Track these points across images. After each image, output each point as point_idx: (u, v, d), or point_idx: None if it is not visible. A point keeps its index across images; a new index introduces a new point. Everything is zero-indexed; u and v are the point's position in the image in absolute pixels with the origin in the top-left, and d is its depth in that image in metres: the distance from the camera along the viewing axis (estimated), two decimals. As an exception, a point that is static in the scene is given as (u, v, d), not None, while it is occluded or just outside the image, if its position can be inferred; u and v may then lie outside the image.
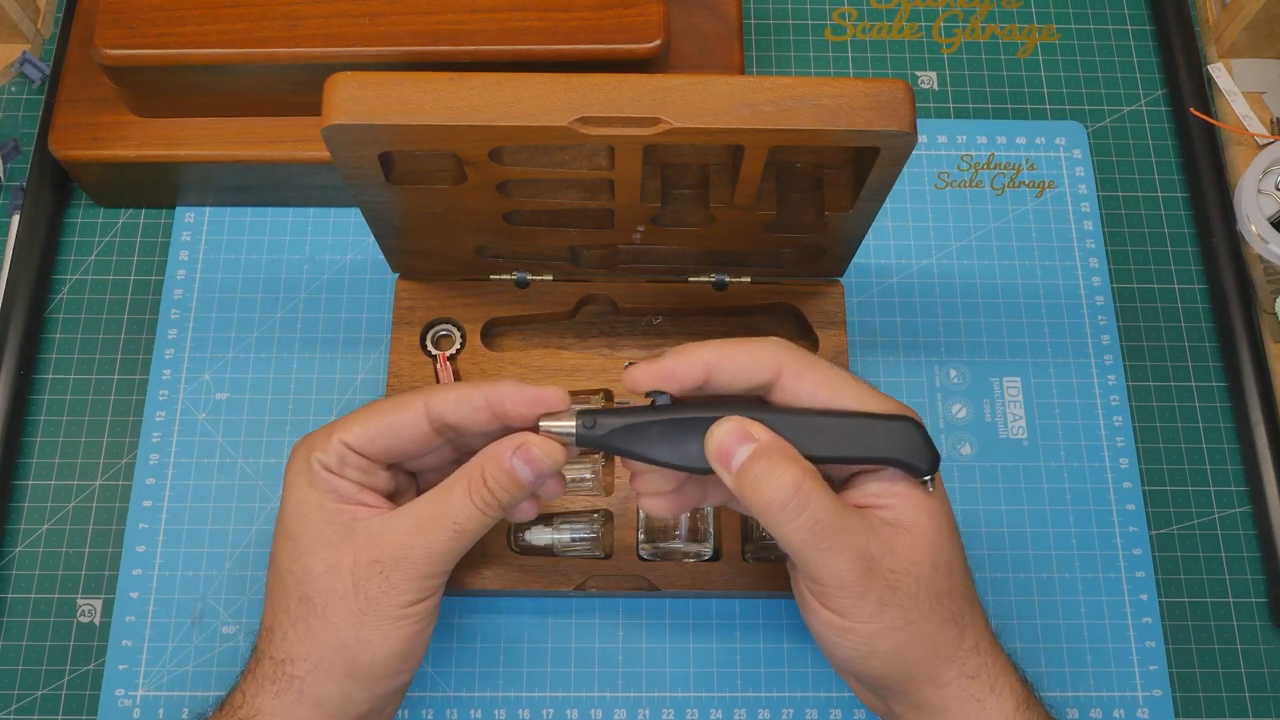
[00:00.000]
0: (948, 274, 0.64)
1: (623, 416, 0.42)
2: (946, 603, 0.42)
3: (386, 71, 0.43)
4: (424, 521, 0.42)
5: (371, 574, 0.42)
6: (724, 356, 0.42)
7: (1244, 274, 0.62)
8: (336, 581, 0.42)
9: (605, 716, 0.55)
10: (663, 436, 0.42)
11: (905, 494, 0.42)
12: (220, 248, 0.63)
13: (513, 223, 0.51)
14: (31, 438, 0.60)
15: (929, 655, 0.42)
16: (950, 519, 0.43)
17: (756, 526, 0.53)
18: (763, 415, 0.41)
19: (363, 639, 0.42)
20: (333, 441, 0.43)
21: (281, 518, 0.44)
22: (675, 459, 0.42)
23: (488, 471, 0.42)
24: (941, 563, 0.42)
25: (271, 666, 0.43)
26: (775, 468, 0.39)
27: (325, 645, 0.42)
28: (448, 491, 0.43)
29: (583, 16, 0.54)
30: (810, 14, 0.70)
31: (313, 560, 0.42)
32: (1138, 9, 0.71)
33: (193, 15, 0.54)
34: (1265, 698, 0.56)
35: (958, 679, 0.42)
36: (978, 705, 0.42)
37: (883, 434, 0.41)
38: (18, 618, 0.56)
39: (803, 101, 0.42)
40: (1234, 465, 0.60)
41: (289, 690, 0.42)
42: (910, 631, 0.41)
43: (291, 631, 0.42)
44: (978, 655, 0.42)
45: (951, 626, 0.42)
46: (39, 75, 0.65)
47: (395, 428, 0.43)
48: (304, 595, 0.42)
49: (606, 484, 0.55)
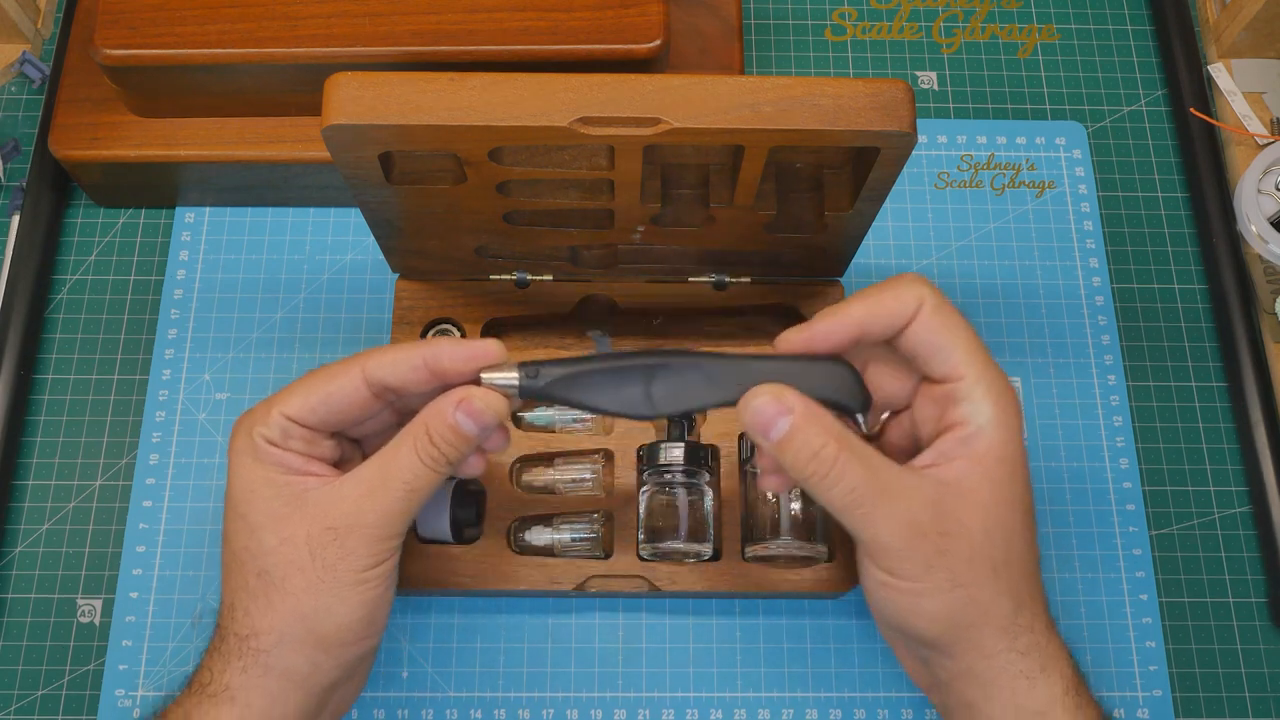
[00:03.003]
0: (948, 274, 0.64)
1: (564, 366, 0.43)
2: (1003, 573, 0.41)
3: (386, 71, 0.43)
4: (374, 484, 0.42)
5: (326, 542, 0.42)
6: (877, 307, 0.42)
7: (1244, 274, 0.62)
8: (292, 553, 0.42)
9: (605, 716, 0.55)
10: (604, 384, 0.43)
11: (972, 457, 0.41)
12: (220, 248, 0.63)
13: (513, 223, 0.51)
14: (31, 438, 0.60)
15: (978, 621, 0.41)
16: (1019, 493, 0.42)
17: (756, 525, 0.53)
18: (699, 360, 0.42)
19: (324, 607, 0.42)
20: (273, 415, 0.42)
21: (229, 497, 0.43)
22: (617, 406, 0.43)
23: (432, 427, 0.42)
24: (997, 531, 0.41)
25: (236, 642, 0.42)
26: (812, 440, 0.40)
27: (288, 617, 0.42)
28: (394, 451, 0.42)
29: (583, 16, 0.54)
30: (810, 14, 0.70)
31: (266, 535, 0.42)
32: (1138, 9, 0.71)
33: (193, 15, 0.54)
34: (1265, 698, 0.56)
35: (1007, 653, 0.42)
36: (1027, 682, 0.42)
37: (816, 375, 0.42)
38: (18, 618, 0.56)
39: (803, 101, 0.42)
40: (1234, 465, 0.60)
41: (255, 664, 0.42)
42: (958, 595, 0.41)
43: (252, 606, 0.42)
44: (1031, 634, 0.42)
45: (1007, 599, 0.41)
46: (39, 75, 0.65)
47: (334, 396, 0.43)
48: (261, 570, 0.42)
49: (606, 483, 0.55)
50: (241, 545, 0.43)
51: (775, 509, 0.52)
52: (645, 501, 0.54)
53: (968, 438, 0.41)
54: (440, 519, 0.53)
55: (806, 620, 0.57)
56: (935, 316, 0.42)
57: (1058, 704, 0.42)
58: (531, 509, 0.55)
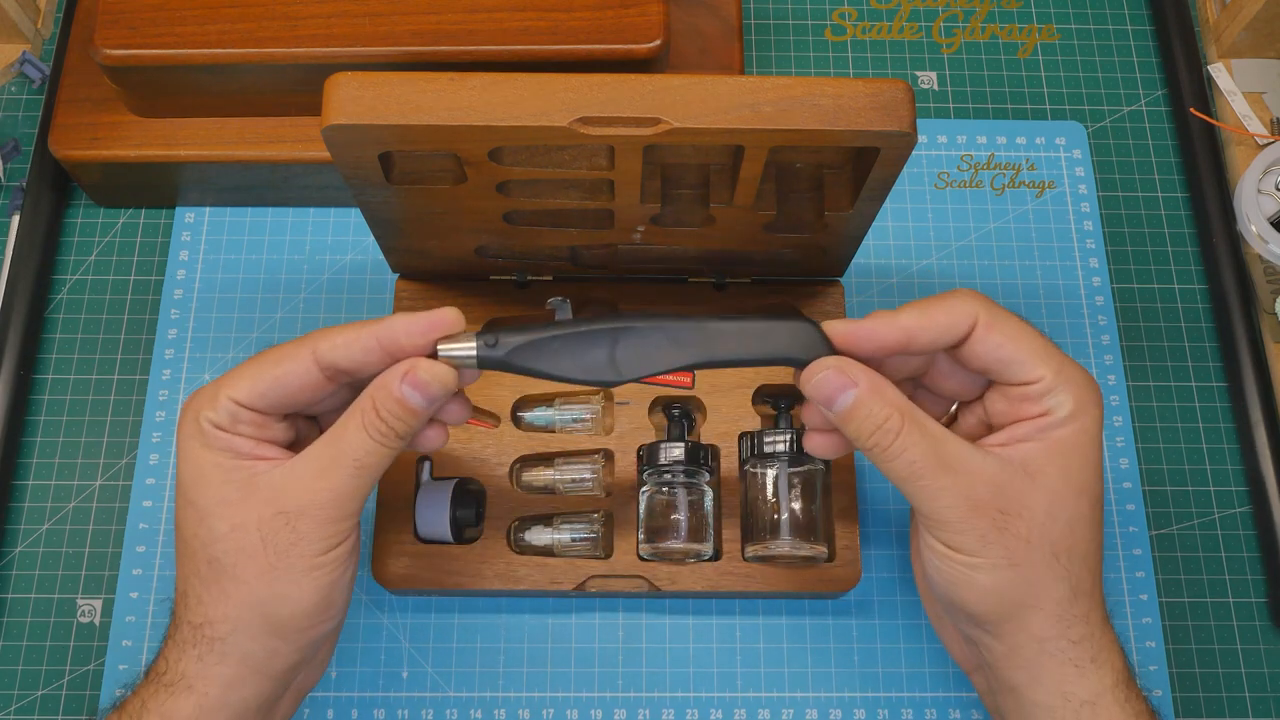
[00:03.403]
0: (948, 274, 0.64)
1: (524, 333, 0.42)
2: (1063, 559, 0.41)
3: (386, 71, 0.42)
4: (324, 464, 0.41)
5: (278, 527, 0.41)
6: (926, 319, 0.42)
7: (1244, 274, 0.62)
8: (243, 539, 0.41)
9: (605, 716, 0.55)
10: (566, 351, 0.42)
11: (1045, 441, 0.41)
12: (220, 248, 0.63)
13: (513, 223, 0.51)
14: (31, 438, 0.60)
15: (1030, 604, 0.41)
16: (1089, 482, 0.42)
17: (756, 525, 0.53)
18: (662, 323, 0.43)
19: (278, 594, 0.41)
20: (221, 400, 0.41)
21: (179, 483, 0.42)
22: (581, 374, 0.42)
23: (379, 401, 0.41)
24: (1061, 515, 0.41)
25: (190, 631, 0.41)
26: (876, 413, 0.41)
27: (241, 605, 0.41)
28: (342, 429, 0.41)
29: (583, 16, 0.54)
30: (810, 14, 0.70)
31: (216, 522, 0.41)
32: (1138, 9, 0.71)
33: (193, 15, 0.54)
34: (1265, 698, 0.56)
35: (1059, 639, 0.42)
36: (1076, 671, 0.42)
37: (781, 336, 0.42)
38: (18, 618, 0.56)
39: (803, 101, 0.42)
40: (1234, 465, 0.60)
41: (211, 653, 0.41)
42: (1013, 574, 0.41)
43: (205, 595, 0.41)
44: (1086, 624, 0.42)
45: (1064, 585, 0.41)
46: (39, 75, 0.65)
47: (284, 380, 0.41)
48: (211, 558, 0.41)
49: (606, 483, 0.55)
50: (191, 533, 0.41)
51: (775, 509, 0.53)
52: (645, 501, 0.54)
53: (1044, 425, 0.42)
54: (440, 519, 0.53)
55: (806, 620, 0.57)
56: (994, 333, 0.42)
57: (1107, 694, 0.41)
58: (531, 509, 0.55)
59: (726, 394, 0.56)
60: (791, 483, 0.53)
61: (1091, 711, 0.41)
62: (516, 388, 0.57)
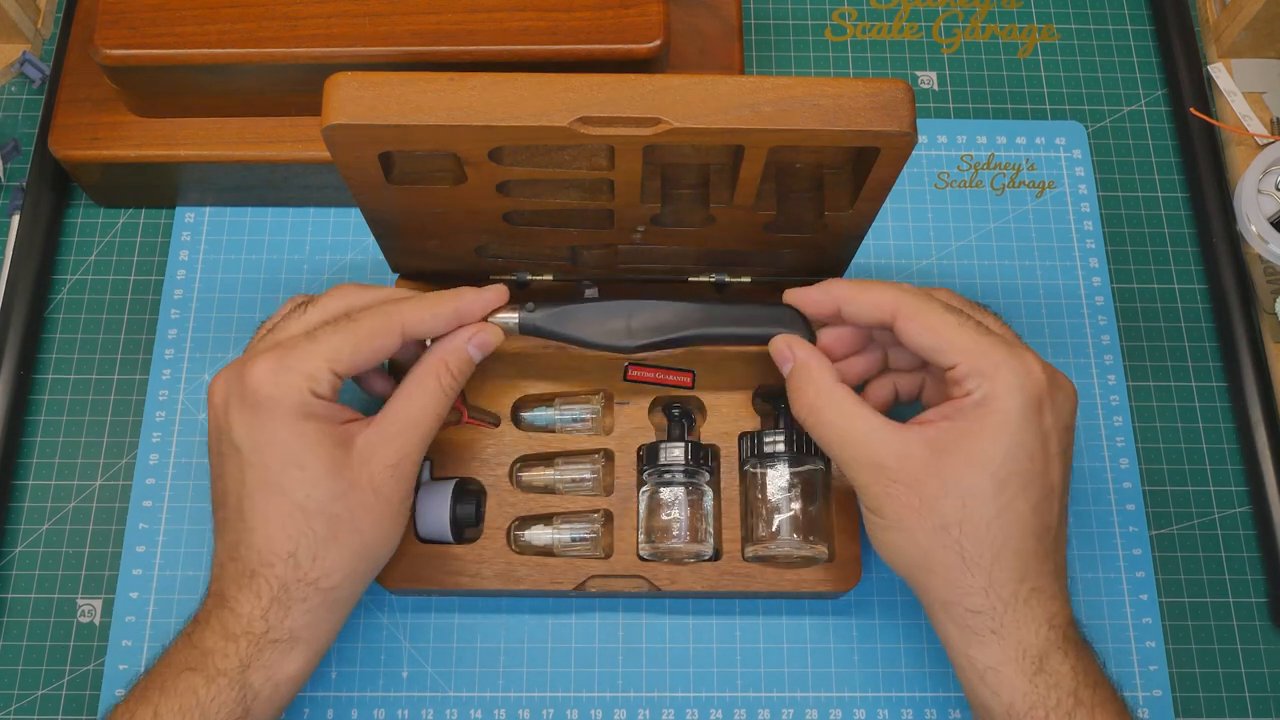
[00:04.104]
0: (948, 274, 0.64)
1: (557, 304, 0.52)
2: (954, 531, 0.45)
3: (386, 71, 0.43)
4: (412, 419, 0.47)
5: (386, 479, 0.46)
6: (854, 294, 0.48)
7: (1244, 274, 0.62)
8: (360, 495, 0.45)
9: (605, 716, 0.55)
10: (590, 319, 0.52)
11: (955, 420, 0.46)
12: (220, 248, 0.63)
13: (513, 223, 0.51)
14: (31, 438, 0.60)
15: (926, 567, 0.46)
16: (996, 460, 0.45)
17: (756, 525, 0.53)
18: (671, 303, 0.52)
19: (385, 538, 0.47)
20: (325, 373, 0.45)
21: (273, 448, 0.45)
22: (601, 338, 0.52)
23: (450, 362, 0.48)
24: (954, 490, 0.45)
25: (302, 588, 0.45)
26: (798, 389, 0.49)
27: (356, 554, 0.46)
28: (419, 386, 0.48)
29: (583, 16, 0.54)
30: (810, 14, 0.70)
31: (332, 483, 0.45)
32: (1138, 9, 0.71)
33: (193, 15, 0.54)
34: (1265, 698, 0.56)
35: (956, 606, 0.45)
36: (977, 639, 0.45)
37: (766, 317, 0.52)
38: (18, 618, 0.56)
39: (803, 101, 0.42)
40: (1234, 465, 0.60)
41: (323, 605, 0.45)
42: (905, 536, 0.46)
43: (321, 551, 0.45)
44: (985, 597, 0.45)
45: (953, 555, 0.45)
46: (39, 75, 0.65)
47: (379, 353, 0.47)
48: (331, 515, 0.45)
49: (606, 484, 0.55)
50: (305, 495, 0.45)
51: (775, 509, 0.53)
52: (645, 501, 0.54)
53: (959, 406, 0.46)
54: (440, 519, 0.53)
55: (806, 620, 0.57)
56: (912, 324, 0.47)
57: (1010, 665, 0.44)
58: (531, 509, 0.55)
59: (726, 394, 0.57)
60: (792, 483, 0.53)
61: (995, 677, 0.45)
62: (516, 388, 0.57)
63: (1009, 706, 0.44)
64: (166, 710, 0.43)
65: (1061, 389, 0.47)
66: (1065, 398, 0.47)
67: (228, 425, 0.46)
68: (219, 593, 0.46)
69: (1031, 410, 0.45)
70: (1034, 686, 0.44)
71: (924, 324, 0.47)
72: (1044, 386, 0.45)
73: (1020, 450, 0.45)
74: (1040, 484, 0.45)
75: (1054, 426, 0.46)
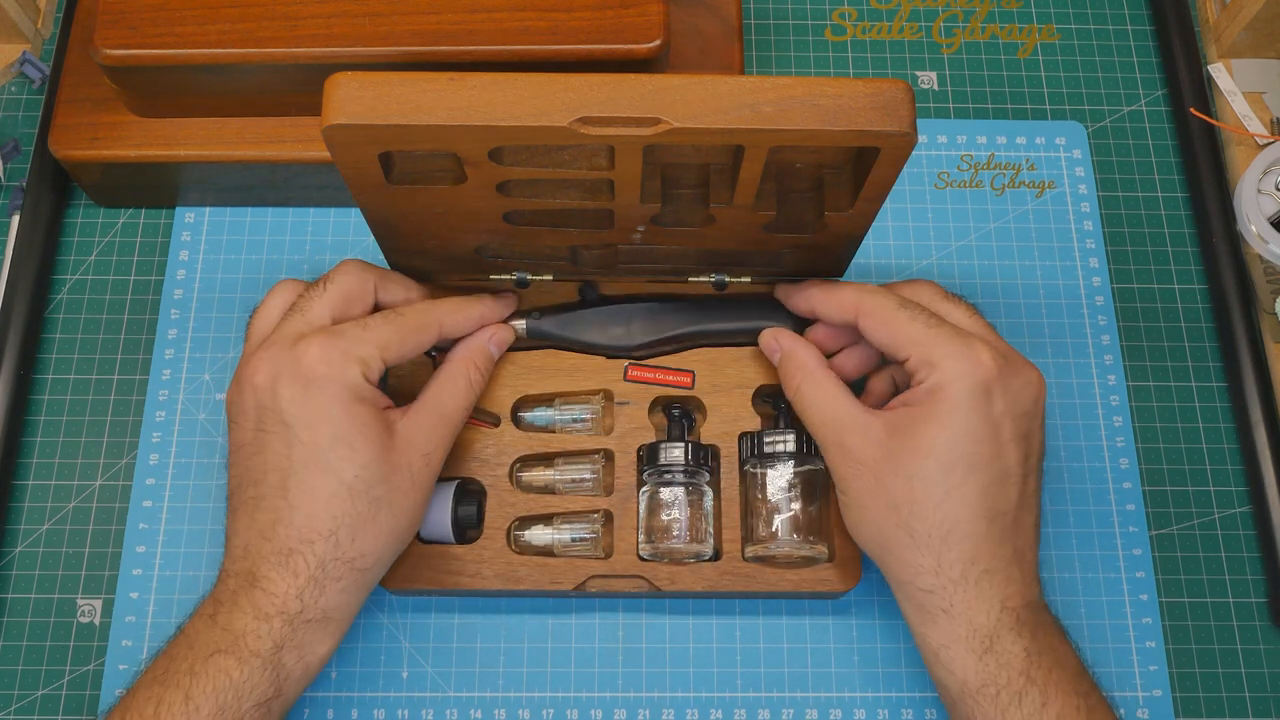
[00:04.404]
0: (948, 274, 0.64)
1: (562, 311, 0.56)
2: (903, 511, 0.47)
3: (386, 71, 0.42)
4: (445, 411, 0.50)
5: (421, 466, 0.48)
6: (824, 296, 0.53)
7: (1244, 274, 0.62)
8: (400, 479, 0.47)
9: (605, 716, 0.55)
10: (591, 325, 0.56)
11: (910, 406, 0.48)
12: (220, 248, 0.63)
13: (513, 223, 0.51)
14: (31, 438, 0.60)
15: (881, 546, 0.48)
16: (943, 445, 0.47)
17: (756, 525, 0.53)
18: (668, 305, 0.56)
19: (413, 523, 0.49)
20: (378, 362, 0.48)
21: (326, 425, 0.46)
22: (604, 340, 0.56)
23: (478, 360, 0.53)
24: (902, 471, 0.47)
25: (339, 567, 0.46)
26: (788, 375, 0.52)
27: (390, 535, 0.48)
28: (451, 381, 0.51)
29: (583, 16, 0.54)
30: (810, 14, 0.70)
31: (379, 466, 0.47)
32: (1138, 9, 0.71)
33: (193, 15, 0.54)
34: (1265, 698, 0.56)
35: (909, 585, 0.47)
36: (928, 617, 0.47)
37: (756, 311, 0.56)
38: (18, 618, 0.56)
39: (803, 101, 0.42)
40: (1234, 465, 0.60)
41: (355, 583, 0.47)
42: (862, 515, 0.49)
43: (361, 530, 0.46)
44: (935, 577, 0.47)
45: (902, 534, 0.47)
46: (39, 75, 0.65)
47: (420, 346, 0.51)
48: (374, 497, 0.47)
49: (606, 484, 0.55)
50: (353, 475, 0.46)
51: (775, 509, 0.53)
52: (645, 501, 0.54)
53: (914, 395, 0.48)
54: (442, 519, 0.53)
55: (806, 620, 0.57)
56: (870, 321, 0.50)
57: (959, 644, 0.46)
58: (531, 509, 0.55)
59: (726, 394, 0.56)
60: (792, 483, 0.53)
61: (948, 654, 0.47)
62: (516, 388, 0.57)
63: (962, 684, 0.46)
64: (199, 693, 0.44)
65: (1019, 375, 0.48)
66: (1024, 384, 0.48)
67: (275, 402, 0.46)
68: (247, 572, 0.46)
69: (978, 397, 0.47)
70: (984, 665, 0.46)
71: (879, 320, 0.50)
72: (992, 374, 0.47)
73: (966, 436, 0.46)
74: (991, 468, 0.47)
75: (1006, 413, 0.47)
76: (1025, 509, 0.48)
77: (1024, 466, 0.48)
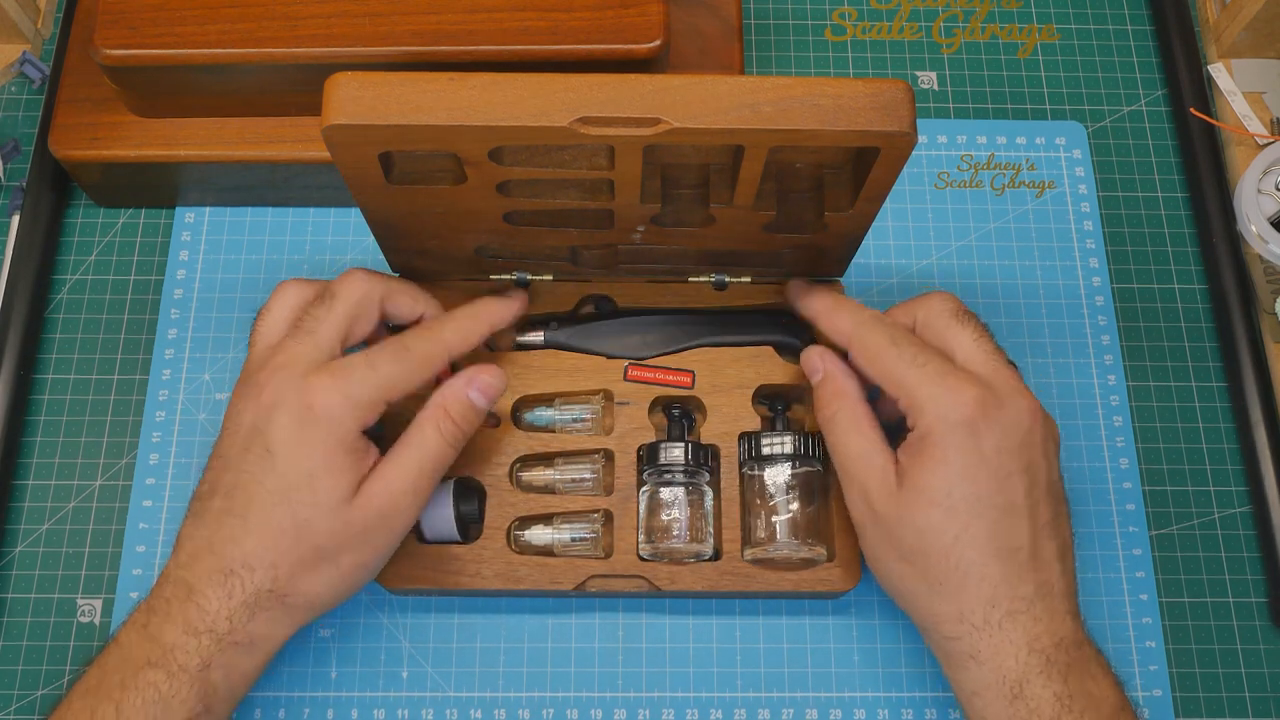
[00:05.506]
0: (948, 274, 0.64)
1: (578, 323, 0.57)
2: (918, 563, 0.46)
3: (386, 71, 0.43)
4: (412, 472, 0.47)
5: (377, 527, 0.47)
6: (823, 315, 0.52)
7: (1244, 274, 0.62)
8: (349, 537, 0.46)
9: (605, 716, 0.55)
10: (606, 335, 0.57)
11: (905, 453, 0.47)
12: (220, 248, 0.63)
13: (513, 223, 0.51)
14: (31, 438, 0.60)
15: (901, 595, 0.48)
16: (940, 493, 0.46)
17: (756, 527, 0.53)
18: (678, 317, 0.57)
19: (362, 578, 0.48)
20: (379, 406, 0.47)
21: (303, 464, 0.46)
22: (620, 350, 0.56)
23: (451, 409, 0.49)
24: (908, 521, 0.46)
25: (271, 599, 0.46)
26: (824, 400, 0.51)
27: (328, 587, 0.47)
28: (420, 435, 0.48)
29: (583, 16, 0.54)
30: (810, 14, 0.70)
31: (332, 520, 0.46)
32: (1138, 9, 0.71)
33: (193, 15, 0.54)
34: (1265, 698, 0.56)
35: (933, 633, 0.47)
36: (957, 664, 0.46)
37: (764, 325, 0.57)
38: (18, 618, 0.56)
39: (803, 101, 0.42)
40: (1234, 465, 0.60)
41: (286, 616, 0.47)
42: (878, 566, 0.49)
43: (301, 574, 0.46)
44: (959, 625, 0.46)
45: (920, 585, 0.47)
46: (39, 75, 0.65)
47: (429, 377, 0.49)
48: (319, 546, 0.46)
49: (606, 484, 0.55)
50: (305, 518, 0.46)
51: (775, 510, 0.53)
52: (645, 501, 0.54)
53: (904, 447, 0.48)
54: (444, 518, 0.53)
55: (806, 620, 0.57)
56: (860, 358, 0.49)
57: (989, 690, 0.45)
58: (531, 509, 0.55)
59: (726, 394, 0.56)
60: (790, 484, 0.53)
61: (980, 701, 0.46)
62: (516, 388, 0.57)
63: None
64: (129, 706, 0.44)
65: (1007, 408, 0.46)
66: (1015, 415, 0.46)
67: (268, 427, 0.46)
68: (184, 581, 0.46)
69: (964, 437, 0.45)
70: (1014, 711, 0.44)
71: (868, 359, 0.49)
72: (974, 411, 0.45)
73: (961, 477, 0.45)
74: (994, 506, 0.45)
75: (999, 448, 0.46)
76: (1044, 538, 0.46)
77: (1030, 498, 0.46)
